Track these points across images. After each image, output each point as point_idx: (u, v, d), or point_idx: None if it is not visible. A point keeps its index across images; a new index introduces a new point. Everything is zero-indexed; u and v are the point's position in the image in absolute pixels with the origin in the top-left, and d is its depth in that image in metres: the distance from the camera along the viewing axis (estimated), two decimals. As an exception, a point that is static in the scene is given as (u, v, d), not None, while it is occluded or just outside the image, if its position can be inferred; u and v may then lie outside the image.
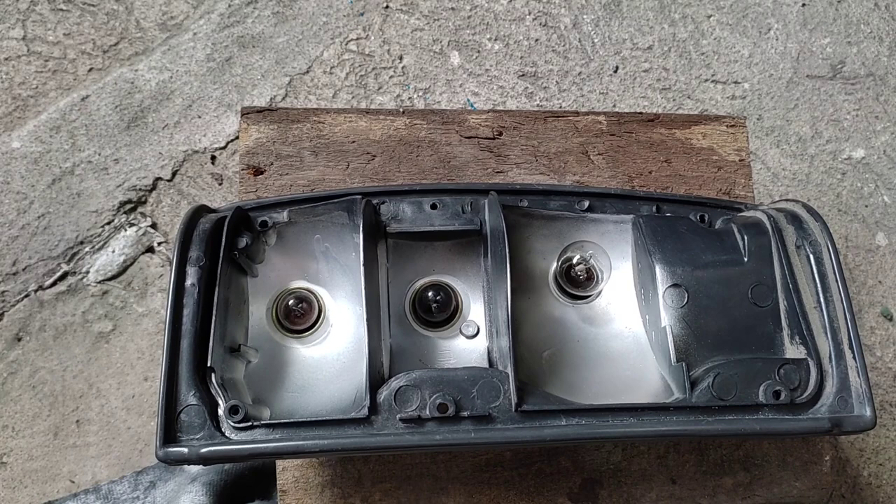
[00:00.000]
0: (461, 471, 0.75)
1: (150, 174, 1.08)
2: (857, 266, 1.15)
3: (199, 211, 0.72)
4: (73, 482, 0.96)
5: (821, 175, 1.18)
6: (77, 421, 0.99)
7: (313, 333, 0.77)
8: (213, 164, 1.07)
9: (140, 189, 1.07)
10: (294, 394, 0.73)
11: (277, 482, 0.75)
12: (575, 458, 0.77)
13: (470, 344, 0.77)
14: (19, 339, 0.99)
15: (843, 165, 1.19)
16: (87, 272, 1.04)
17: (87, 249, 1.04)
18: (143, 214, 1.05)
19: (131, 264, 1.05)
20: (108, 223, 1.05)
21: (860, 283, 1.14)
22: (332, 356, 0.76)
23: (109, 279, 1.03)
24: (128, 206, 1.06)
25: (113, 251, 1.04)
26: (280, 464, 0.75)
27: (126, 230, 1.05)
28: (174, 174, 1.08)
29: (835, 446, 0.76)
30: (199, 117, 1.10)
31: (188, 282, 0.67)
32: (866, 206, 1.18)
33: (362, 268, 0.67)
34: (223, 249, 0.68)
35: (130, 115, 1.09)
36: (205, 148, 1.09)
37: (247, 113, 0.82)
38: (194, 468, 0.93)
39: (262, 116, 0.82)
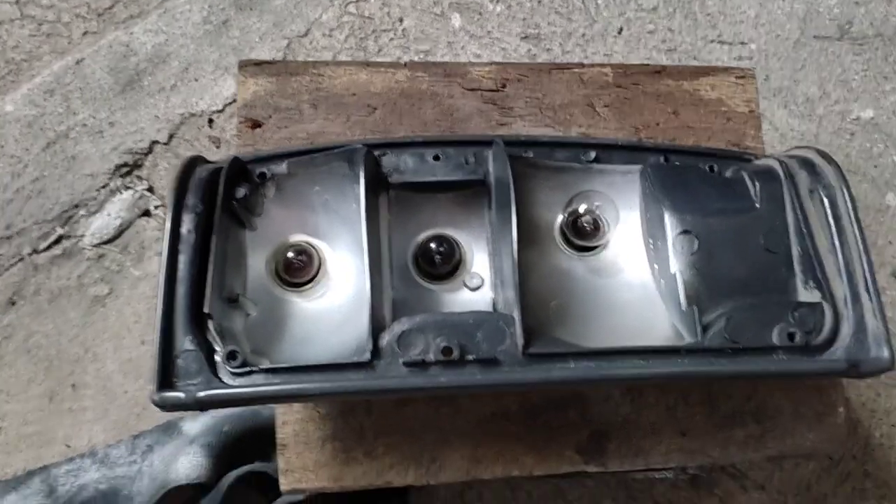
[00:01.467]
0: (466, 423, 0.74)
1: (146, 137, 1.06)
2: (868, 227, 1.14)
3: (196, 160, 0.70)
4: (69, 446, 0.95)
5: (829, 136, 1.16)
6: (73, 385, 0.98)
7: (313, 287, 0.75)
8: (210, 127, 1.06)
9: (136, 152, 1.05)
10: (294, 346, 0.72)
11: (277, 437, 0.73)
12: (583, 410, 0.75)
13: (474, 296, 0.75)
14: (13, 303, 0.98)
15: (851, 126, 1.18)
16: (83, 236, 1.02)
17: (82, 213, 1.02)
18: (140, 178, 1.03)
19: (127, 228, 1.03)
20: (104, 186, 1.03)
21: (870, 243, 1.12)
22: (333, 309, 0.74)
23: (105, 243, 1.02)
24: (123, 170, 1.04)
25: (109, 215, 1.02)
26: (280, 417, 0.73)
27: (122, 193, 1.03)
28: (171, 137, 1.06)
29: (846, 406, 0.75)
30: (196, 80, 1.08)
31: (184, 228, 0.65)
32: (875, 167, 1.16)
33: (363, 215, 0.65)
34: (220, 198, 0.66)
35: (126, 79, 1.07)
36: (202, 111, 1.07)
37: (244, 66, 0.80)
38: (192, 430, 0.92)
39: (261, 69, 0.81)
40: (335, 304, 0.75)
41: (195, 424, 0.92)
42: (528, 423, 0.74)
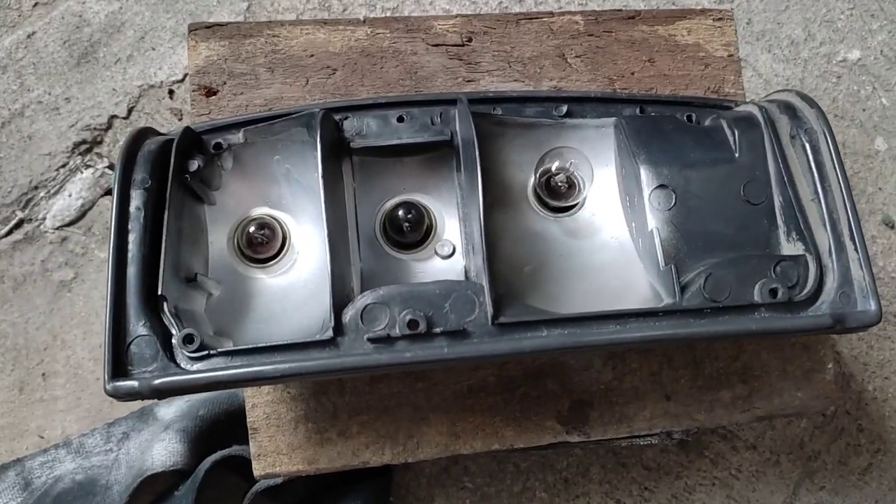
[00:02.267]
0: (442, 398, 0.71)
1: (104, 112, 1.01)
2: (856, 173, 1.10)
3: (145, 132, 0.67)
4: (43, 437, 0.92)
5: (815, 79, 1.12)
6: (43, 374, 0.95)
7: (278, 262, 0.72)
8: (171, 98, 1.01)
9: (95, 128, 1.01)
10: (258, 325, 0.69)
11: (248, 420, 0.70)
12: (562, 379, 0.72)
13: (446, 264, 0.72)
14: (-24, 292, 0.94)
15: (838, 68, 1.13)
16: (44, 219, 0.98)
17: (42, 195, 0.98)
18: (100, 155, 0.99)
19: (90, 208, 0.99)
20: (63, 166, 0.99)
21: (860, 190, 1.09)
22: (299, 284, 0.71)
23: (68, 225, 0.98)
24: (83, 147, 1.00)
25: (70, 195, 0.98)
26: (249, 400, 0.71)
27: (82, 172, 0.99)
28: (130, 111, 1.01)
29: (838, 361, 0.72)
30: (154, 49, 1.03)
31: (133, 205, 0.62)
32: (864, 110, 1.12)
33: (321, 184, 0.62)
34: (171, 171, 0.63)
35: (80, 51, 1.02)
36: (161, 82, 1.03)
37: (194, 29, 0.76)
38: (167, 415, 0.89)
39: (212, 32, 0.76)
40: (301, 279, 0.72)
41: (170, 409, 0.89)
42: (506, 395, 0.71)
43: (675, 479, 0.99)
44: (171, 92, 1.01)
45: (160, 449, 0.85)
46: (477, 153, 0.61)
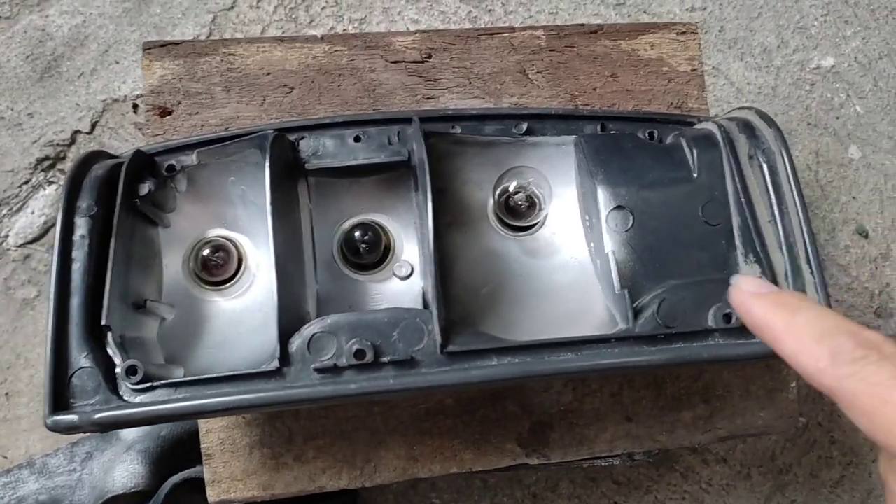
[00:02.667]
0: (399, 422, 0.70)
1: (67, 127, 1.00)
2: (830, 182, 1.09)
3: (94, 156, 0.65)
4: (6, 458, 0.91)
5: (788, 87, 1.10)
6: (6, 394, 0.94)
7: (234, 284, 0.71)
8: (135, 112, 1.00)
9: (58, 144, 0.99)
10: (212, 350, 0.68)
11: (202, 445, 0.69)
12: (522, 401, 0.71)
13: (404, 286, 0.71)
14: (-63, 312, 0.93)
15: (811, 76, 1.12)
16: (6, 236, 0.97)
17: (4, 212, 0.97)
18: (63, 171, 0.98)
19: (53, 225, 0.97)
20: (26, 182, 0.98)
21: (833, 199, 1.08)
22: (255, 307, 0.70)
23: (30, 242, 0.96)
24: (46, 164, 0.99)
25: (32, 212, 0.97)
26: (203, 426, 0.70)
27: (45, 189, 0.98)
28: (94, 126, 1.00)
29: (798, 381, 0.71)
30: (118, 63, 1.02)
31: (77, 234, 0.60)
32: (837, 118, 1.11)
33: (269, 207, 0.61)
34: (120, 196, 0.62)
35: (43, 65, 1.00)
36: (125, 96, 1.01)
37: (149, 48, 0.75)
38: (129, 435, 0.88)
39: (166, 51, 0.75)
40: (258, 302, 0.71)
41: (132, 430, 0.88)
42: (465, 417, 0.70)
43: (644, 494, 0.98)
44: (135, 106, 0.99)
45: (122, 470, 0.84)
46: (428, 177, 0.60)
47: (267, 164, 0.62)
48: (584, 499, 0.97)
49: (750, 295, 0.42)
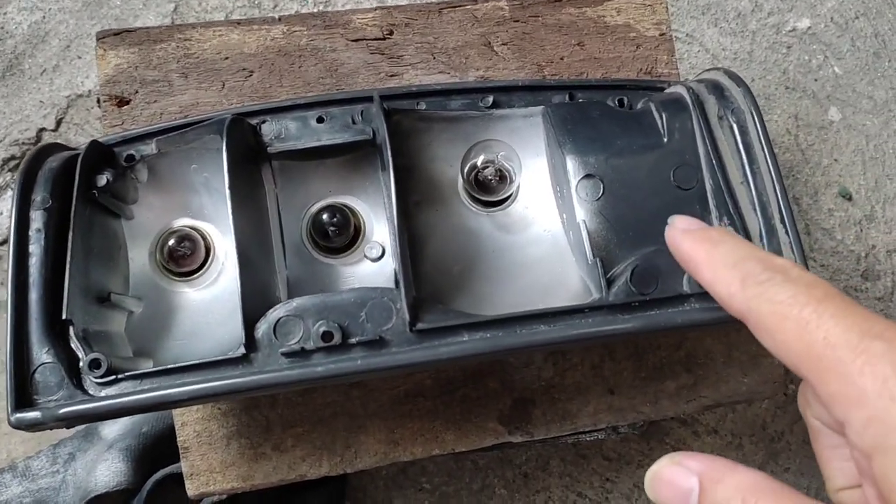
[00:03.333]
0: (378, 405, 0.69)
1: (32, 126, 0.98)
2: (811, 146, 1.07)
3: (49, 149, 0.64)
4: (-13, 462, 0.90)
5: (764, 51, 1.09)
6: (-17, 398, 0.92)
7: (203, 274, 0.69)
8: (99, 106, 0.97)
9: (23, 143, 0.97)
10: (181, 341, 0.66)
11: (178, 439, 0.68)
12: (503, 378, 0.70)
13: (375, 267, 0.70)
14: None
15: (787, 38, 1.10)
16: (-25, 239, 0.96)
17: (-29, 215, 0.95)
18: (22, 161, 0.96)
19: (20, 225, 0.96)
20: (-8, 184, 0.96)
21: (815, 163, 1.07)
22: (225, 297, 0.69)
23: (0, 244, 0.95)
24: (12, 164, 0.97)
25: (0, 213, 0.95)
26: (178, 419, 0.68)
27: (12, 189, 0.96)
28: (59, 123, 0.98)
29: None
30: (80, 58, 1.00)
31: (33, 227, 0.59)
32: (816, 80, 1.09)
33: (228, 194, 0.59)
34: (76, 188, 0.60)
35: (4, 64, 0.98)
36: (89, 91, 0.99)
37: (102, 37, 0.73)
38: (111, 434, 0.87)
39: (121, 39, 0.73)
40: (227, 291, 0.69)
41: (114, 428, 0.87)
42: (445, 397, 0.69)
43: (636, 469, 0.97)
44: (99, 100, 0.97)
45: (104, 469, 0.83)
46: (389, 154, 0.59)
47: (224, 148, 0.60)
48: (575, 476, 0.96)
49: (680, 231, 0.45)
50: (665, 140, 0.63)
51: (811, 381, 0.32)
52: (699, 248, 0.42)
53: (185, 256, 0.68)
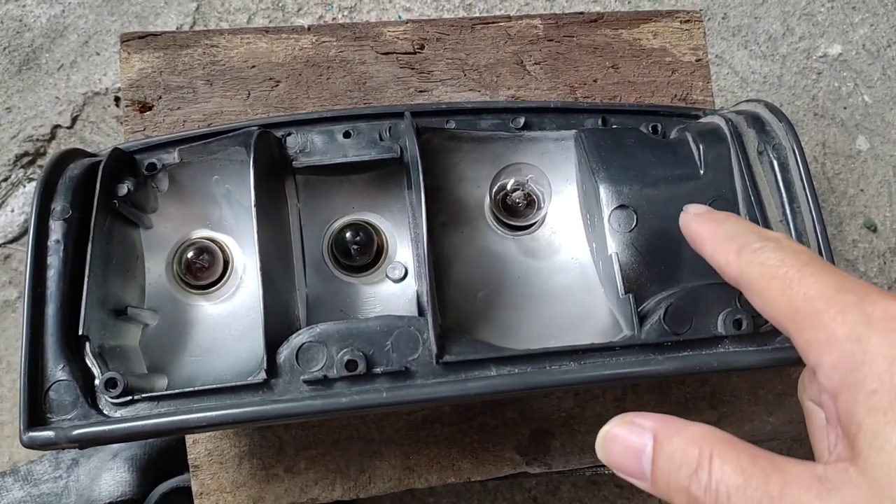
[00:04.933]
0: (395, 431, 0.67)
1: (47, 122, 0.96)
2: (837, 174, 1.06)
3: (69, 155, 0.62)
4: (-11, 465, 0.88)
5: (794, 76, 1.07)
6: (-12, 399, 0.91)
7: (220, 288, 0.68)
8: (117, 105, 0.96)
9: (37, 139, 0.96)
10: (197, 358, 0.65)
11: (189, 457, 0.67)
12: (522, 408, 0.68)
13: (397, 288, 0.68)
14: (-85, 315, 0.90)
15: (818, 64, 1.08)
16: (-15, 236, 0.94)
17: (-18, 211, 0.94)
18: (43, 168, 0.95)
19: (34, 224, 0.95)
20: (5, 180, 0.94)
21: (840, 192, 1.05)
22: (242, 311, 0.67)
23: (10, 242, 0.93)
24: (25, 160, 0.95)
25: (12, 210, 0.93)
26: (190, 437, 0.67)
27: (25, 186, 0.94)
28: (74, 120, 0.96)
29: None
30: (98, 54, 0.98)
31: (52, 238, 0.57)
32: (845, 108, 1.08)
33: (254, 209, 0.58)
34: (97, 198, 0.58)
35: (21, 58, 0.96)
36: (106, 88, 0.97)
37: (127, 40, 0.71)
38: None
39: (146, 43, 0.71)
40: (245, 306, 0.68)
41: (119, 435, 0.85)
42: (462, 425, 0.68)
43: (647, 498, 0.95)
44: (117, 99, 0.96)
45: (108, 478, 0.82)
46: (421, 175, 0.57)
47: (251, 162, 0.59)
48: (585, 502, 0.95)
49: (692, 215, 0.48)
50: (701, 172, 0.62)
51: (790, 331, 0.35)
52: (706, 227, 0.46)
53: (202, 269, 0.67)
